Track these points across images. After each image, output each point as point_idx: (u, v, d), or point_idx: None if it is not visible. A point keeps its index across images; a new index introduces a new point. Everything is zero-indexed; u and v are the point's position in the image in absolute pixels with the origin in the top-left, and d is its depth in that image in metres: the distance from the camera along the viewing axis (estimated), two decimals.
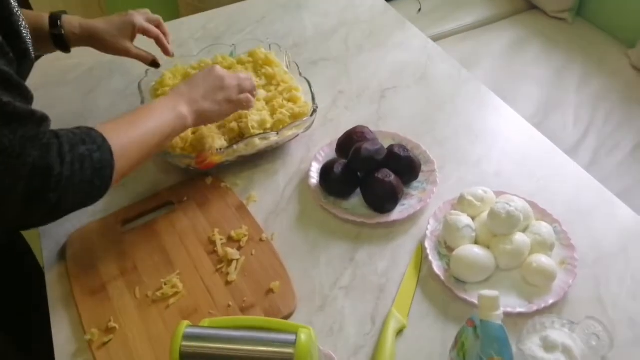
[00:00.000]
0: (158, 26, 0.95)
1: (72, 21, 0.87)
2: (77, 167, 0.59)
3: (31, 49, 0.66)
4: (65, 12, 0.88)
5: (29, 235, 0.99)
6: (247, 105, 0.83)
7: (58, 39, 0.86)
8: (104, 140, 0.63)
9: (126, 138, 0.67)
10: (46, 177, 0.57)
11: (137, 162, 0.69)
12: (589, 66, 1.63)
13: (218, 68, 0.81)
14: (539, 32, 1.78)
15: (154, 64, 0.94)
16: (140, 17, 0.92)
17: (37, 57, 0.81)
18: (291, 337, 0.42)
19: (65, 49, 0.89)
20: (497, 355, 0.44)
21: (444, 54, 1.14)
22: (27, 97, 0.60)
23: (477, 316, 0.47)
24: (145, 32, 0.93)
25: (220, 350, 0.42)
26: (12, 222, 0.62)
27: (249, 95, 0.82)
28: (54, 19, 0.86)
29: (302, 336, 0.41)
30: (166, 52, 0.96)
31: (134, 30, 0.91)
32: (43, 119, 0.60)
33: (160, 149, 0.75)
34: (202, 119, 0.78)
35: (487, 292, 0.46)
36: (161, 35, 0.94)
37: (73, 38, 0.87)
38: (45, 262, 0.78)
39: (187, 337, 0.43)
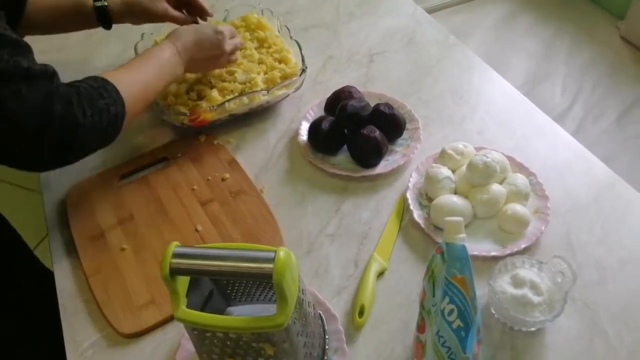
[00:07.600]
0: None
1: None
2: (96, 119, 0.65)
3: None
4: None
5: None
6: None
7: (101, 12, 0.89)
8: (118, 93, 0.68)
9: (136, 90, 0.72)
10: (72, 129, 0.63)
11: (142, 110, 0.76)
12: (579, 37, 1.66)
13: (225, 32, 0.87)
14: (530, 4, 1.80)
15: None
16: None
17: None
18: (271, 255, 0.46)
19: (108, 23, 0.91)
20: (460, 273, 0.48)
21: (432, 20, 1.17)
22: (30, 53, 0.63)
23: (444, 243, 0.51)
24: None
25: (207, 266, 0.46)
26: (30, 166, 0.66)
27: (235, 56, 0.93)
28: None
29: (281, 253, 0.46)
30: (204, 12, 0.96)
31: None
32: (53, 74, 0.64)
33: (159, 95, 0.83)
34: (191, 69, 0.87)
35: (452, 218, 0.51)
36: None
37: (115, 10, 0.90)
38: (47, 215, 0.82)
39: (177, 255, 0.47)
